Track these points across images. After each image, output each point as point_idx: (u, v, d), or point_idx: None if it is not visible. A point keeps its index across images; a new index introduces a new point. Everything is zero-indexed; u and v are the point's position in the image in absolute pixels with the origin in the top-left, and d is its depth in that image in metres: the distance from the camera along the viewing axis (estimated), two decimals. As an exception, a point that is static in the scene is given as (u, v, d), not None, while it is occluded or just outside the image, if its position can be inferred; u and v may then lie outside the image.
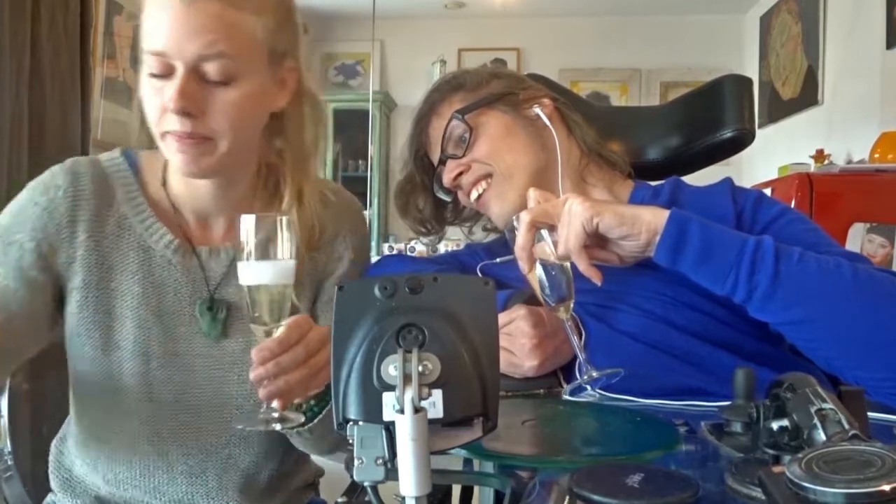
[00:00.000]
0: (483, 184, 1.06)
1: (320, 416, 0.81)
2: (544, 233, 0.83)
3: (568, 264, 0.83)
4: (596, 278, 0.80)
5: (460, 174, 1.06)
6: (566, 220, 0.79)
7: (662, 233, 0.78)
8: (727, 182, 1.01)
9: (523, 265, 0.82)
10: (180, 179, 0.89)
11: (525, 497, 0.55)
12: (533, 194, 0.85)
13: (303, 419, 0.75)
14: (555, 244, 0.82)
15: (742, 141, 1.18)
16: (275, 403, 0.70)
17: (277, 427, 0.71)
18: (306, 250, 0.91)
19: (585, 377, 0.81)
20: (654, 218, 0.78)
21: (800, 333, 0.79)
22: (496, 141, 1.04)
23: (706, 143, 1.20)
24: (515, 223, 0.83)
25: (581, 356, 0.83)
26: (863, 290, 0.76)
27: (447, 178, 1.08)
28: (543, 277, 0.82)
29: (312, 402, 0.80)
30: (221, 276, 0.90)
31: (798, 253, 0.77)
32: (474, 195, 1.07)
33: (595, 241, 0.81)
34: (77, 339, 0.87)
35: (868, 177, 2.61)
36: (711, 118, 1.19)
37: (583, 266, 0.79)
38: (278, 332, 0.71)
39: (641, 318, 0.89)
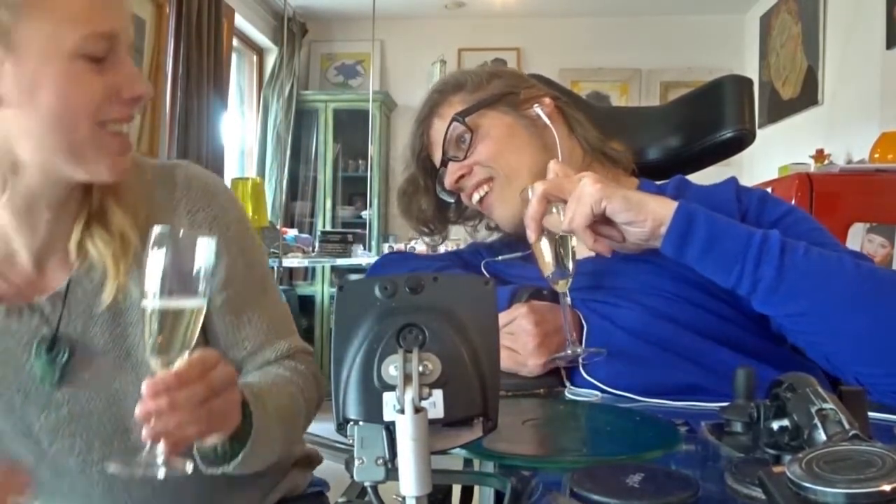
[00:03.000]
0: (485, 187, 1.06)
1: (239, 457, 0.69)
2: (555, 206, 0.84)
3: (573, 239, 0.85)
4: (605, 251, 0.83)
5: (462, 177, 1.06)
6: (576, 197, 0.81)
7: (670, 223, 0.79)
8: (732, 181, 1.01)
9: (531, 234, 0.85)
10: (17, 216, 0.74)
11: (525, 497, 0.55)
12: (553, 167, 0.88)
13: (190, 467, 0.62)
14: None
15: (742, 141, 1.18)
16: (160, 447, 0.59)
17: (160, 474, 0.59)
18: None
19: (570, 352, 0.83)
20: (661, 208, 0.79)
21: (802, 327, 0.80)
22: (498, 143, 1.04)
23: (706, 143, 1.20)
24: (530, 193, 0.85)
25: (569, 335, 0.84)
26: (866, 285, 0.76)
27: (449, 180, 1.07)
28: (548, 249, 0.85)
29: (230, 445, 0.69)
30: (61, 312, 0.76)
31: (803, 247, 0.77)
32: (476, 198, 1.07)
33: (602, 219, 0.82)
34: None
35: (868, 177, 2.61)
36: (712, 118, 1.19)
37: (589, 242, 0.82)
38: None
39: (642, 314, 0.89)
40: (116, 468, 0.61)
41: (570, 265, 0.85)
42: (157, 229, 0.62)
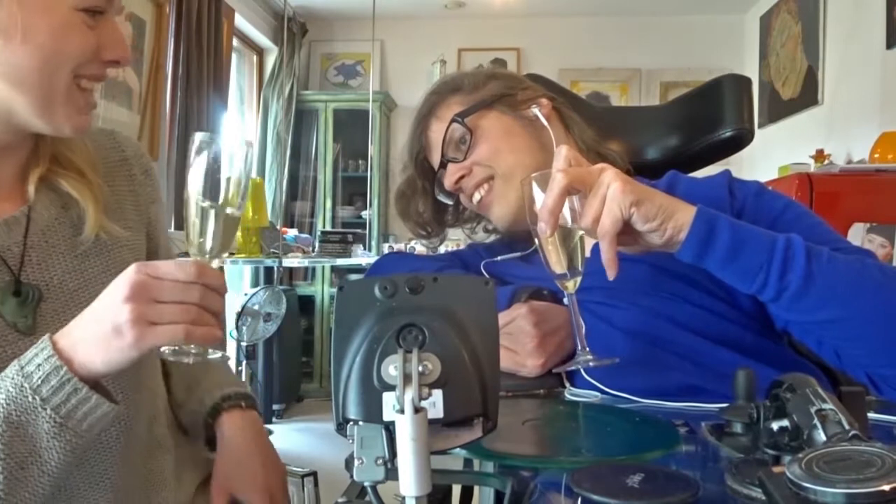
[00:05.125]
0: (486, 186, 1.06)
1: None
2: (568, 198, 0.76)
3: (582, 235, 0.78)
4: (613, 271, 0.74)
5: (462, 177, 1.06)
6: (600, 197, 0.73)
7: (690, 230, 0.74)
8: (725, 174, 0.98)
9: (547, 229, 0.75)
10: None
11: (525, 497, 0.55)
12: (565, 153, 0.79)
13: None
14: (573, 211, 0.76)
15: (741, 140, 1.18)
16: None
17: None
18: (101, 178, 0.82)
19: (581, 360, 0.79)
20: (683, 214, 0.75)
21: (828, 332, 0.78)
22: (497, 142, 1.04)
23: (705, 142, 1.20)
24: (534, 187, 0.78)
25: (579, 340, 0.80)
26: (891, 288, 0.76)
27: (449, 181, 1.07)
28: (560, 246, 0.78)
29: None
30: (21, 252, 0.74)
31: (827, 252, 0.76)
32: (476, 198, 1.07)
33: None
34: None
35: (868, 177, 2.61)
36: (711, 117, 1.20)
37: (609, 255, 0.73)
38: (215, 263, 0.67)
39: (640, 314, 0.89)
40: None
41: (582, 262, 0.79)
42: (198, 136, 0.67)
